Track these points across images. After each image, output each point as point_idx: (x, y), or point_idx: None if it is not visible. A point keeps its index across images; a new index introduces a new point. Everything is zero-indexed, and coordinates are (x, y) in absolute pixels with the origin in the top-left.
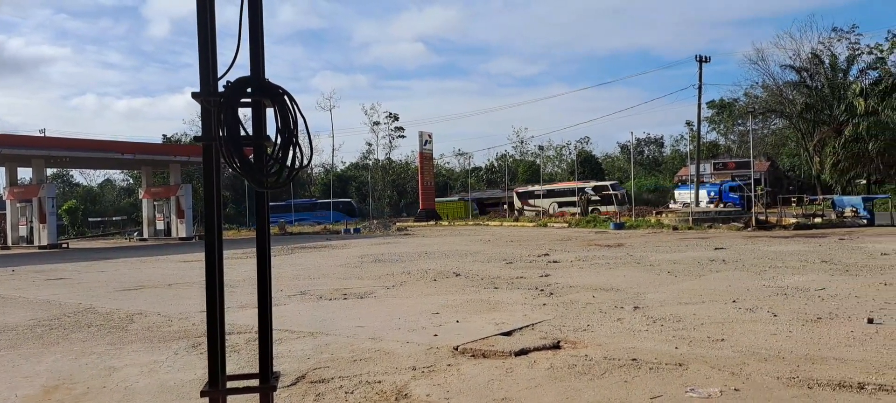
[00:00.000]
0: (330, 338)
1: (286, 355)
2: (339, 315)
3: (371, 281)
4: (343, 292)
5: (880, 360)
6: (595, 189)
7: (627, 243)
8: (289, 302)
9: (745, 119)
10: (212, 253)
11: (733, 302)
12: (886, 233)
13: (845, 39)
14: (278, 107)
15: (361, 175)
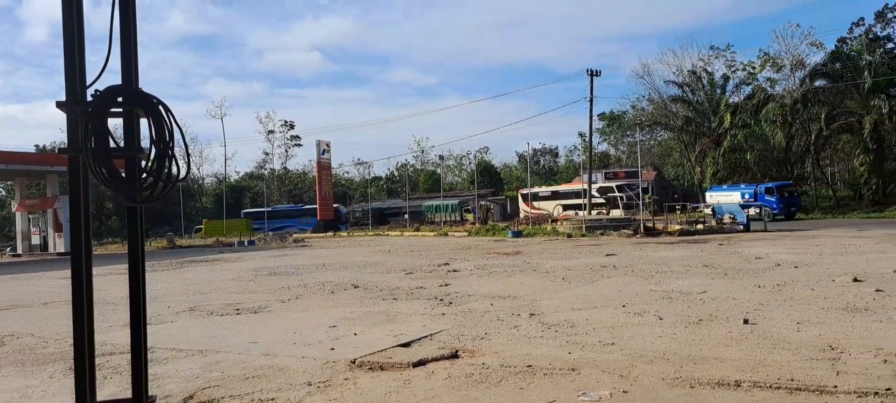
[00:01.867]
0: (221, 356)
1: (173, 375)
2: (230, 331)
3: (265, 295)
4: (235, 307)
5: (755, 358)
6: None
7: (525, 251)
8: (177, 319)
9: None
10: (79, 270)
11: (623, 306)
12: (760, 238)
13: (722, 57)
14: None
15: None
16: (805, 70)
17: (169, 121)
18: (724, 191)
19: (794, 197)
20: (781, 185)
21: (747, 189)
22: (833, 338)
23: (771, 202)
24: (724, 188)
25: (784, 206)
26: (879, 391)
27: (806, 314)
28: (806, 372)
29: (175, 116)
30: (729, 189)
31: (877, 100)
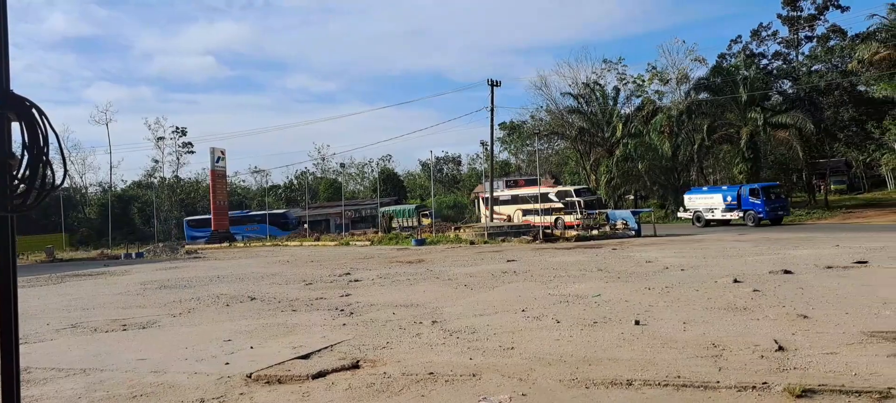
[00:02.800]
0: (106, 374)
1: (52, 396)
2: (117, 348)
3: (155, 310)
4: (122, 323)
5: (645, 358)
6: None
7: (428, 259)
8: (57, 337)
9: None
10: None
11: (523, 311)
12: (650, 243)
13: (614, 70)
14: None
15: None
16: (689, 83)
17: (43, 125)
18: (703, 193)
19: (782, 199)
20: (767, 186)
21: (729, 191)
22: (716, 337)
23: (756, 205)
24: (704, 190)
25: (770, 210)
26: (757, 384)
27: (691, 314)
28: (691, 369)
29: (50, 120)
30: (710, 191)
31: (753, 112)
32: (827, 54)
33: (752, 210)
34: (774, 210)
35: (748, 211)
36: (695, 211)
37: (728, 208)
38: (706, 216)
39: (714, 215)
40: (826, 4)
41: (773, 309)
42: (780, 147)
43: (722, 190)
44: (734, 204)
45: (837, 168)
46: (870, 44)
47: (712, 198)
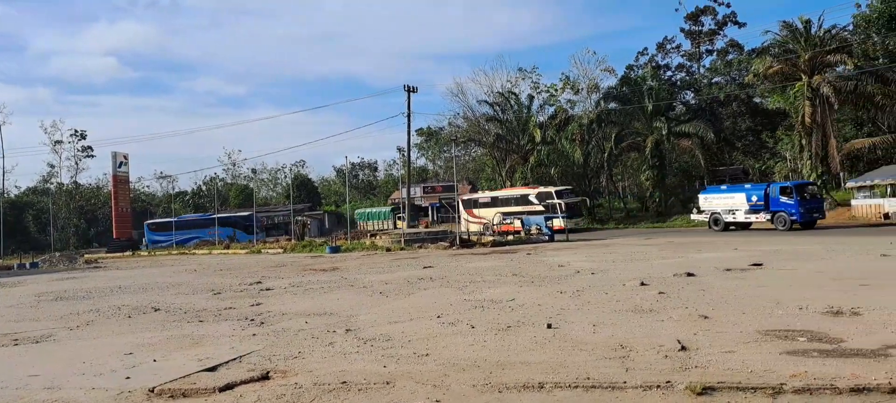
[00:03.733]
0: None
1: None
2: (7, 363)
3: (50, 323)
4: (13, 337)
5: (556, 360)
6: (539, 197)
7: (343, 266)
8: None
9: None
10: None
11: (438, 317)
12: (563, 248)
13: (528, 78)
14: None
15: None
16: (599, 93)
17: None
18: (722, 193)
19: (818, 199)
20: (802, 185)
21: (754, 190)
22: (623, 338)
23: (788, 206)
24: (723, 189)
25: (805, 211)
26: (661, 384)
27: (601, 316)
28: (600, 371)
29: None
30: (730, 190)
31: (658, 122)
32: (726, 67)
33: (784, 211)
34: (809, 211)
35: (778, 212)
36: (712, 213)
37: (753, 209)
38: (726, 218)
39: (735, 217)
40: (725, 20)
41: (677, 311)
42: (683, 155)
43: (745, 188)
44: (760, 205)
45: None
46: (764, 58)
47: (733, 197)
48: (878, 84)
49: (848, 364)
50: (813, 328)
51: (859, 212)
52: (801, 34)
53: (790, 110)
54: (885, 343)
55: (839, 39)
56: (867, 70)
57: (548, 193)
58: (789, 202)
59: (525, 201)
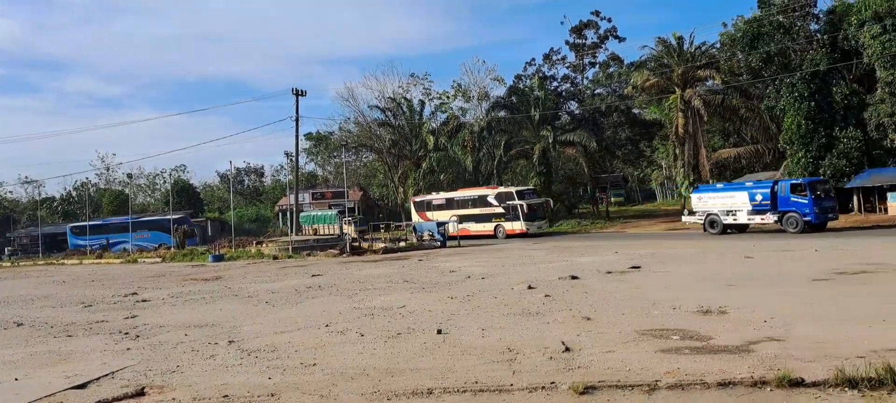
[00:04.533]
0: None
1: None
2: None
3: None
4: None
5: (446, 366)
6: (498, 198)
7: (226, 275)
8: None
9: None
10: None
11: (326, 326)
12: (454, 253)
13: (420, 85)
14: None
15: None
16: (489, 101)
17: None
18: (719, 191)
19: (831, 198)
20: (815, 182)
21: (758, 188)
22: (511, 341)
23: (801, 205)
24: (719, 187)
25: (820, 212)
26: (546, 385)
27: (490, 321)
28: (488, 374)
29: None
30: (728, 188)
31: (544, 130)
32: (607, 79)
33: (796, 211)
34: (824, 211)
35: (789, 212)
36: (708, 214)
37: (757, 209)
38: (725, 220)
39: (736, 219)
40: (606, 35)
41: (562, 313)
42: (568, 162)
43: (746, 186)
44: (766, 205)
45: (616, 182)
46: (642, 72)
47: (733, 197)
48: (743, 98)
49: (716, 360)
50: (685, 327)
51: None
52: (674, 50)
53: (665, 121)
54: (747, 339)
55: (708, 56)
56: (733, 85)
57: (508, 194)
58: (802, 201)
59: (483, 203)
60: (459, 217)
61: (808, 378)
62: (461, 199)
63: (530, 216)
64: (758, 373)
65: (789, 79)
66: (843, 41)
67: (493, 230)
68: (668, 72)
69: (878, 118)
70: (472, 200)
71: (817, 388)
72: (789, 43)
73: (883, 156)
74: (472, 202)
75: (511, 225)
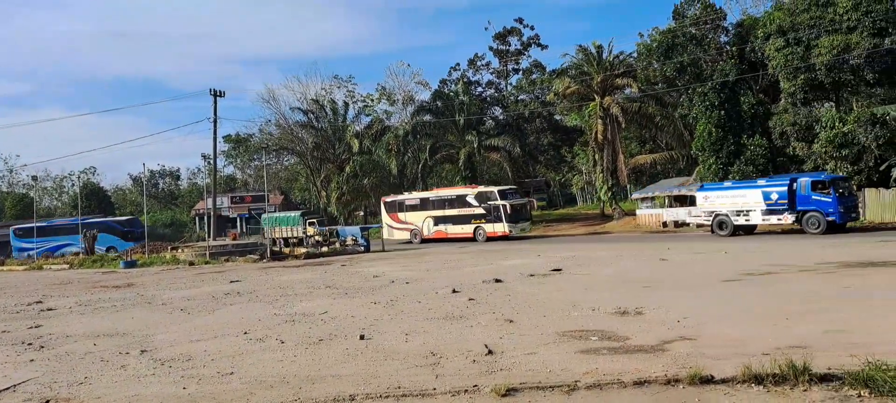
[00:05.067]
0: None
1: None
2: None
3: None
4: None
5: (368, 371)
6: (479, 198)
7: (139, 282)
8: None
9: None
10: None
11: (245, 333)
12: (378, 259)
13: (344, 87)
14: None
15: None
16: (414, 105)
17: None
18: (728, 189)
19: (852, 197)
20: (837, 179)
21: (773, 184)
22: (434, 345)
23: (824, 204)
24: (727, 185)
25: (844, 211)
26: (469, 388)
27: (413, 325)
28: (411, 379)
29: None
30: (738, 186)
31: (469, 135)
32: (530, 86)
33: (818, 210)
34: (848, 210)
35: (809, 212)
36: (716, 214)
37: (772, 209)
38: (735, 221)
39: (748, 219)
40: (529, 42)
41: (486, 316)
42: (493, 167)
43: (758, 184)
44: (783, 204)
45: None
46: (563, 79)
47: (744, 195)
48: (658, 106)
49: (632, 359)
50: (604, 328)
51: (643, 221)
52: (594, 58)
53: (585, 127)
54: (662, 339)
55: (626, 65)
56: (649, 93)
57: (488, 194)
58: (825, 199)
59: (462, 203)
60: (435, 218)
61: (717, 375)
62: (437, 199)
63: (513, 217)
64: (671, 372)
65: (701, 88)
66: (750, 53)
67: (473, 232)
68: (588, 79)
69: (781, 127)
70: (450, 200)
71: (726, 385)
72: (701, 54)
73: (786, 163)
74: (449, 202)
75: (492, 228)
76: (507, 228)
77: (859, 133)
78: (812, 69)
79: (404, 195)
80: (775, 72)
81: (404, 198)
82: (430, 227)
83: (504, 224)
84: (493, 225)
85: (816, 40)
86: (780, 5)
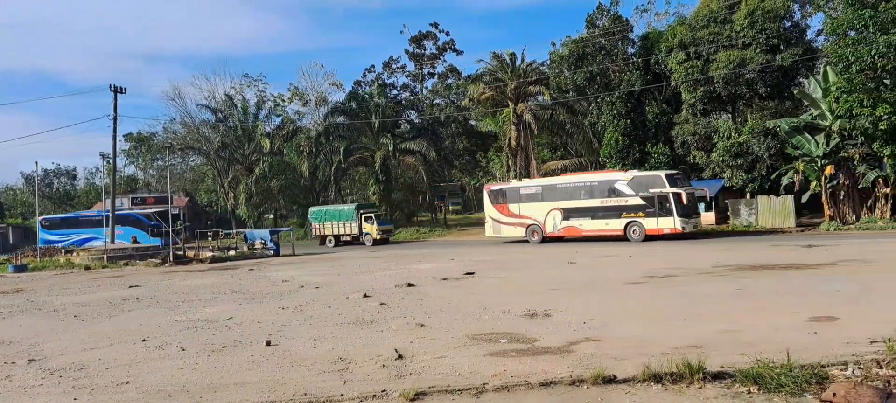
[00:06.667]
0: None
1: None
2: None
3: None
4: None
5: (274, 378)
6: (634, 186)
7: (29, 287)
8: None
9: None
10: None
11: (143, 341)
12: (288, 263)
13: (254, 86)
14: None
15: None
16: (328, 106)
17: None
18: None
19: None
20: None
21: None
22: (343, 351)
23: None
24: None
25: None
26: (377, 393)
27: (322, 330)
28: (318, 386)
29: None
30: None
31: (384, 138)
32: (446, 90)
33: None
34: None
35: None
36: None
37: None
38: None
39: None
40: (445, 47)
41: (397, 321)
42: (408, 171)
43: None
44: None
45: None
46: (478, 85)
47: None
48: (569, 114)
49: (539, 361)
50: (513, 330)
51: None
52: (507, 65)
53: (499, 133)
54: (569, 340)
55: (538, 72)
56: (560, 101)
57: (652, 180)
58: None
59: (609, 191)
60: (565, 211)
61: (619, 375)
62: (567, 187)
63: (686, 209)
64: (576, 372)
65: (609, 97)
66: (655, 65)
67: (624, 229)
68: (503, 86)
69: (683, 136)
70: (587, 188)
71: (628, 384)
72: (609, 64)
73: (687, 171)
74: (585, 190)
75: (656, 223)
76: (679, 224)
77: (753, 143)
78: (711, 82)
79: (519, 182)
80: (677, 84)
81: (519, 186)
82: (555, 222)
83: (674, 218)
84: (657, 220)
85: (715, 55)
86: (682, 20)
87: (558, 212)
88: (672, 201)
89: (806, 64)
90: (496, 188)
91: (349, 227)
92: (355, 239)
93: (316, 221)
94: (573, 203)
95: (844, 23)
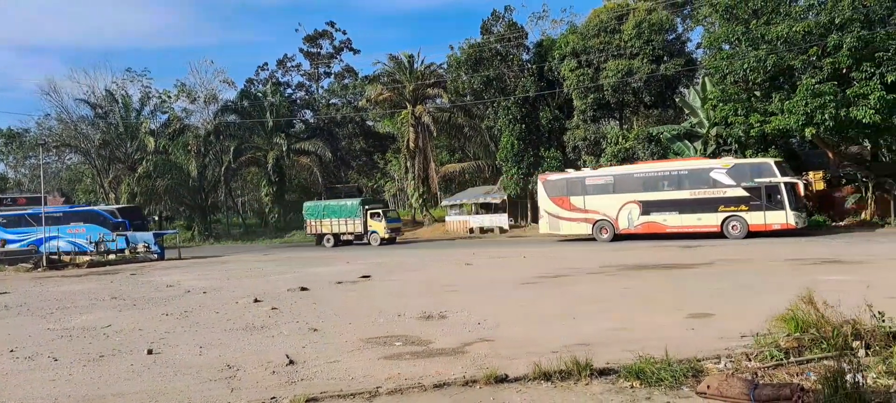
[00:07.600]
0: None
1: None
2: None
3: None
4: None
5: (156, 388)
6: (735, 175)
7: None
8: None
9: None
10: None
11: (11, 351)
12: (173, 266)
13: (138, 81)
14: None
15: None
16: (218, 104)
17: None
18: None
19: None
20: None
21: None
22: (232, 357)
23: None
24: None
25: None
26: (266, 400)
27: (209, 337)
28: (204, 394)
29: None
30: None
31: (278, 138)
32: (343, 90)
33: None
34: None
35: None
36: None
37: None
38: None
39: None
40: (342, 46)
41: (289, 325)
42: (303, 172)
43: None
44: None
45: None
46: (376, 85)
47: None
48: (467, 117)
49: (433, 362)
50: (408, 333)
51: (451, 227)
52: (405, 67)
53: (398, 135)
54: (463, 341)
55: (437, 75)
56: (458, 104)
57: (759, 167)
58: None
59: (702, 180)
60: (644, 204)
61: (511, 374)
62: (648, 177)
63: (799, 202)
64: (469, 373)
65: (505, 102)
66: (548, 72)
67: (720, 225)
68: (401, 87)
69: (574, 141)
70: (672, 178)
71: (519, 383)
72: (505, 69)
73: None
74: (671, 180)
75: (763, 217)
76: (791, 219)
77: (638, 148)
78: (600, 90)
79: (583, 172)
80: (569, 91)
81: (584, 176)
82: (632, 217)
83: (786, 212)
84: (765, 214)
85: (605, 63)
86: (574, 29)
87: (635, 206)
88: (784, 192)
89: (687, 74)
90: (555, 178)
91: (352, 225)
92: (359, 238)
93: (311, 218)
94: (655, 195)
95: (720, 37)
